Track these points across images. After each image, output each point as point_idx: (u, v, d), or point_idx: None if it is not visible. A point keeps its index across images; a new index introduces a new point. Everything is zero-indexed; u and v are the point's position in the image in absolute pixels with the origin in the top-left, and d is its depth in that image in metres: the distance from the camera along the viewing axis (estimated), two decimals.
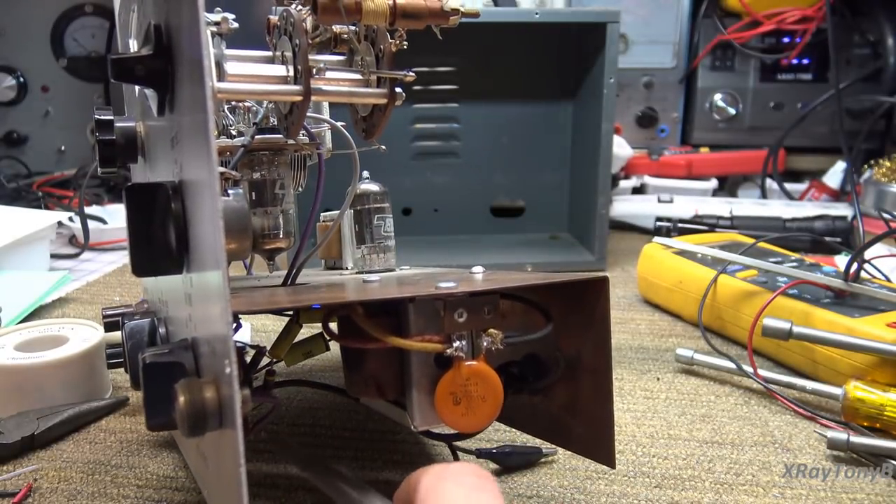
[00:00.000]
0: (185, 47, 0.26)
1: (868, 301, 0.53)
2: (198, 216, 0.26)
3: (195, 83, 0.24)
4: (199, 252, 0.26)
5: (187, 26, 0.25)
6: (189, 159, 0.27)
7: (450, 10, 0.33)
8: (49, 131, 1.17)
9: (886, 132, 1.07)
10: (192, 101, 0.25)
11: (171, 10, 0.28)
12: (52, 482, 0.40)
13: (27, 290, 0.66)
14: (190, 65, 0.25)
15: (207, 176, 0.23)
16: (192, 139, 0.26)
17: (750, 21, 1.06)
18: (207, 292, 0.25)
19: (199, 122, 0.24)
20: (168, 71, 0.29)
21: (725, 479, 0.41)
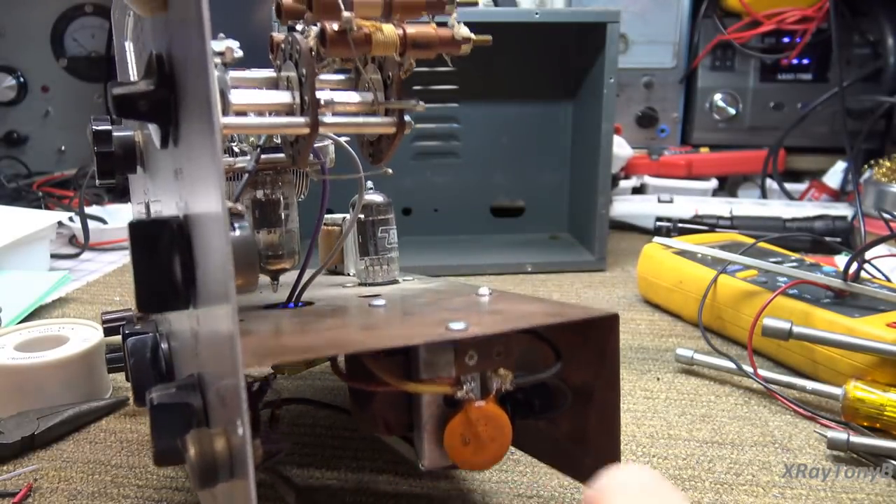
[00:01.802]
0: (191, 81, 0.25)
1: (868, 301, 0.53)
2: (205, 252, 0.25)
3: (202, 120, 0.24)
4: (207, 289, 0.26)
5: (193, 59, 0.24)
6: (196, 195, 0.26)
7: (461, 38, 0.32)
8: (49, 131, 1.17)
9: (886, 132, 1.07)
10: (198, 137, 0.25)
11: (173, 40, 0.27)
12: (53, 482, 0.40)
13: (27, 290, 0.66)
14: (196, 100, 0.25)
15: (216, 214, 0.23)
16: (199, 176, 0.25)
17: (750, 21, 1.06)
18: (216, 335, 0.25)
19: (207, 160, 0.23)
20: (171, 103, 0.28)
21: (725, 479, 0.41)
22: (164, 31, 0.28)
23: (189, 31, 0.24)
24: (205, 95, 0.23)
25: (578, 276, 0.78)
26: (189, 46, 0.24)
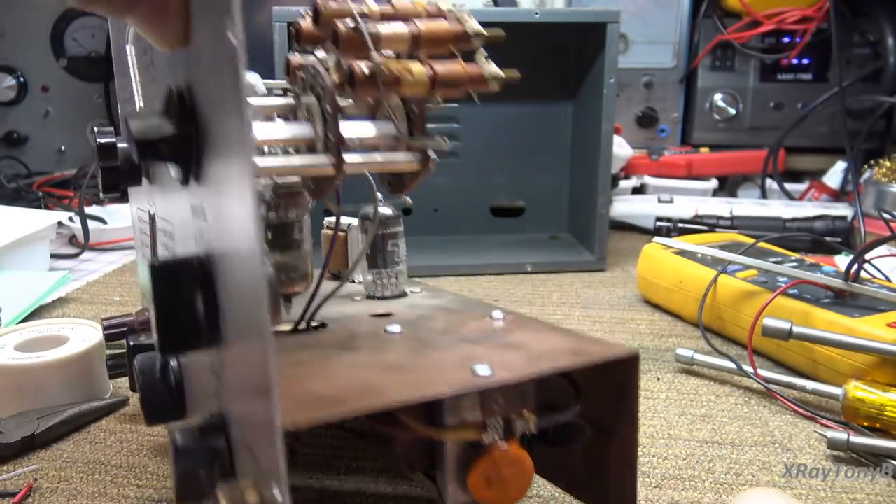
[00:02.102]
0: (219, 120, 0.24)
1: (868, 301, 0.53)
2: (234, 292, 0.25)
3: (234, 162, 0.22)
4: (235, 329, 0.25)
5: (222, 99, 0.23)
6: (224, 234, 0.25)
7: (490, 76, 0.32)
8: (49, 131, 1.17)
9: (886, 132, 1.07)
10: (228, 178, 0.23)
11: (197, 75, 0.26)
12: (53, 482, 0.40)
13: (27, 290, 0.66)
14: (226, 140, 0.23)
15: (250, 257, 0.22)
16: (229, 215, 0.24)
17: (750, 21, 1.06)
18: (246, 383, 0.24)
19: (240, 201, 0.22)
20: (194, 141, 0.27)
21: (725, 479, 0.41)
22: (184, 64, 0.27)
23: (219, 69, 0.23)
24: (238, 139, 0.21)
25: (578, 276, 0.79)
26: (219, 84, 0.23)
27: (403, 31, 0.31)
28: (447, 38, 0.31)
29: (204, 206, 0.26)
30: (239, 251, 0.23)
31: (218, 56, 0.22)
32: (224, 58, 0.21)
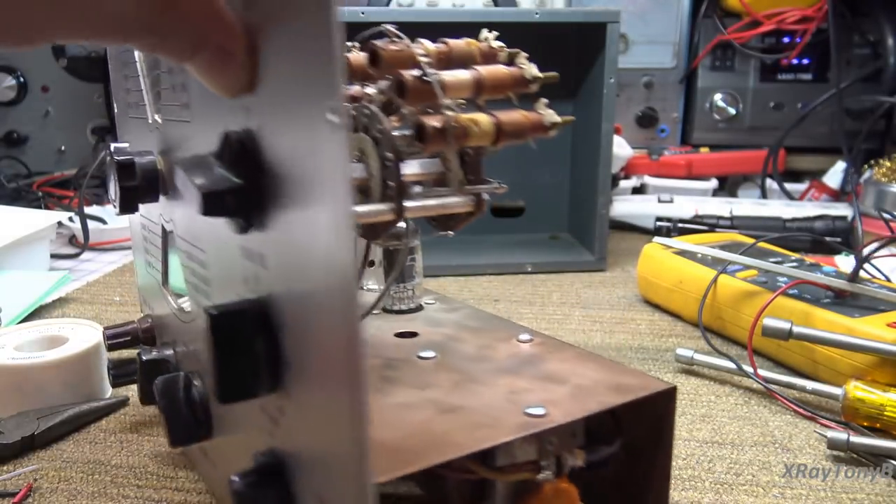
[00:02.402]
0: (300, 170, 0.22)
1: (868, 301, 0.53)
2: (309, 338, 0.24)
3: (322, 210, 0.21)
4: (309, 377, 0.24)
5: (313, 158, 0.21)
6: (298, 281, 0.24)
7: (550, 124, 0.32)
8: (49, 131, 1.17)
9: (886, 132, 1.07)
10: (308, 225, 0.22)
11: (266, 122, 0.24)
12: (52, 482, 0.40)
13: (27, 290, 0.66)
14: (311, 190, 0.22)
15: (343, 306, 0.21)
16: (307, 265, 0.23)
17: (750, 21, 1.06)
18: (326, 430, 0.23)
19: (326, 251, 0.21)
20: (262, 191, 0.25)
21: (725, 479, 0.41)
22: (246, 109, 0.25)
23: (307, 121, 0.21)
24: (335, 191, 0.20)
25: (578, 276, 0.79)
26: (312, 149, 0.21)
27: (467, 78, 0.30)
28: (507, 84, 0.32)
29: (264, 253, 0.25)
30: (325, 298, 0.22)
31: (302, 105, 0.22)
32: (324, 133, 0.20)
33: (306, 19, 0.21)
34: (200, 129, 0.30)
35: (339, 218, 0.20)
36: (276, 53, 0.23)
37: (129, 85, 0.41)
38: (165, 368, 0.40)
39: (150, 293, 0.44)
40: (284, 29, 0.22)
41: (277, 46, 0.23)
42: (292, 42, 0.22)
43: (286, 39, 0.22)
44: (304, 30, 0.21)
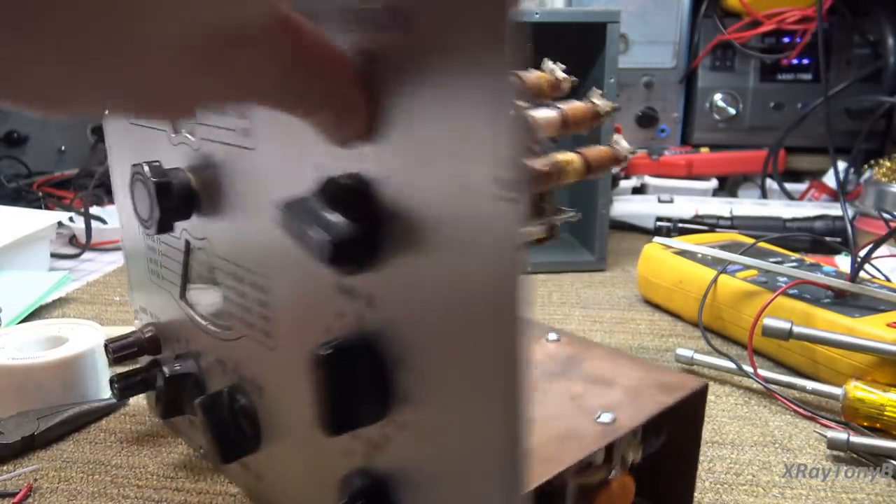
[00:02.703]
0: (444, 221, 0.23)
1: (868, 301, 0.53)
2: (446, 363, 0.24)
3: (467, 259, 0.22)
4: (445, 397, 0.25)
5: (471, 209, 0.21)
6: (430, 316, 0.24)
7: (624, 157, 0.35)
8: (49, 131, 1.17)
9: (886, 132, 1.07)
10: (447, 271, 0.23)
11: (390, 169, 0.24)
12: (53, 482, 0.40)
13: (27, 290, 0.66)
14: (450, 240, 0.23)
15: (496, 333, 0.22)
16: (431, 305, 0.24)
17: (750, 21, 1.06)
18: (466, 450, 0.24)
19: (472, 293, 0.22)
20: (381, 237, 0.25)
21: (725, 479, 0.41)
22: (361, 155, 0.25)
23: (459, 180, 0.21)
24: (505, 255, 0.21)
25: (578, 276, 0.79)
26: (461, 196, 0.22)
27: (555, 117, 0.32)
28: (587, 120, 0.34)
29: (373, 293, 0.26)
30: (483, 329, 0.22)
31: (464, 182, 0.22)
32: (486, 199, 0.21)
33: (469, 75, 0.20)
34: (270, 161, 0.30)
35: (507, 272, 0.21)
36: (418, 108, 0.23)
37: None
38: (192, 382, 0.40)
39: (153, 302, 0.44)
40: (432, 83, 0.22)
41: (418, 103, 0.22)
42: (444, 99, 0.21)
43: (434, 94, 0.22)
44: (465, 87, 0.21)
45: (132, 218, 0.44)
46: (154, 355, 0.44)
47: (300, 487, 0.35)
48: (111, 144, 0.44)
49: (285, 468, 0.36)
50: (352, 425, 0.27)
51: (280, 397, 0.34)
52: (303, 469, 0.34)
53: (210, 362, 0.39)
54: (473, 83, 0.20)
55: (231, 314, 0.36)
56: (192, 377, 0.40)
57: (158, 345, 0.44)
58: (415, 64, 0.22)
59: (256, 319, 0.34)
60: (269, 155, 0.30)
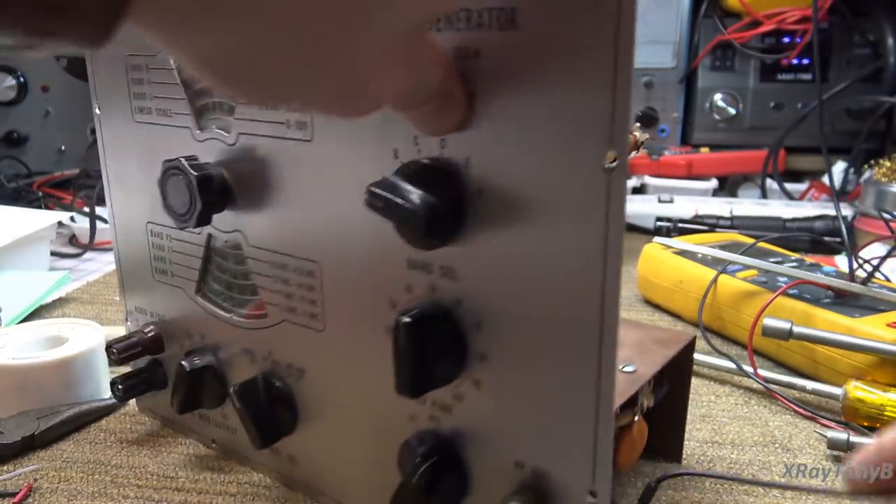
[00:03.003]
0: (535, 199, 0.27)
1: (868, 301, 0.53)
2: (531, 325, 0.28)
3: (560, 232, 0.26)
4: (530, 356, 0.28)
5: (572, 186, 0.26)
6: (515, 285, 0.28)
7: (641, 142, 0.40)
8: (49, 131, 1.17)
9: (887, 132, 1.07)
10: (535, 244, 0.27)
11: (479, 152, 0.27)
12: (53, 482, 0.40)
13: (27, 290, 0.66)
14: (542, 214, 0.27)
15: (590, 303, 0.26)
16: (510, 274, 0.28)
17: (750, 21, 1.06)
18: (552, 400, 0.28)
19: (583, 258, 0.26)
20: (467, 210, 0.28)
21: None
22: (444, 142, 0.28)
23: (557, 159, 0.25)
24: (598, 223, 0.25)
25: None
26: (560, 175, 0.26)
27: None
28: (632, 148, 0.35)
29: (453, 266, 0.29)
30: (571, 296, 0.26)
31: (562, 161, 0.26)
32: (590, 174, 0.25)
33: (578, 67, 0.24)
34: (332, 150, 0.32)
35: (615, 235, 0.25)
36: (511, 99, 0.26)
37: (142, 90, 0.40)
38: (212, 375, 0.40)
39: (157, 301, 0.44)
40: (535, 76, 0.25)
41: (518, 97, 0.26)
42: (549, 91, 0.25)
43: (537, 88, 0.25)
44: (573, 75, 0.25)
45: (129, 218, 0.44)
46: (155, 355, 0.44)
47: (347, 461, 0.37)
48: (108, 144, 0.43)
49: (330, 445, 0.37)
50: (430, 387, 0.29)
51: (326, 377, 0.36)
52: (352, 442, 0.36)
53: (233, 353, 0.40)
54: (586, 68, 0.24)
55: (267, 302, 0.37)
56: (211, 370, 0.40)
57: (161, 344, 0.44)
58: (520, 56, 0.25)
59: (300, 304, 0.36)
60: (330, 145, 0.32)
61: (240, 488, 0.40)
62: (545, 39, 0.25)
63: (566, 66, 0.25)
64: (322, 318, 0.35)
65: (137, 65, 0.40)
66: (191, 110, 0.38)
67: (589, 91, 0.24)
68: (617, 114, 0.24)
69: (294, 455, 0.39)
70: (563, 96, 0.25)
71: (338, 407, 0.36)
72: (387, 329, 0.31)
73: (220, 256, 0.39)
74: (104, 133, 0.43)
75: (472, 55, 0.26)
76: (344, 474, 0.37)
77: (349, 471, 0.37)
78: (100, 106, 0.43)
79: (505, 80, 0.26)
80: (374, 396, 0.34)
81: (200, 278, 0.41)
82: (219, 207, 0.36)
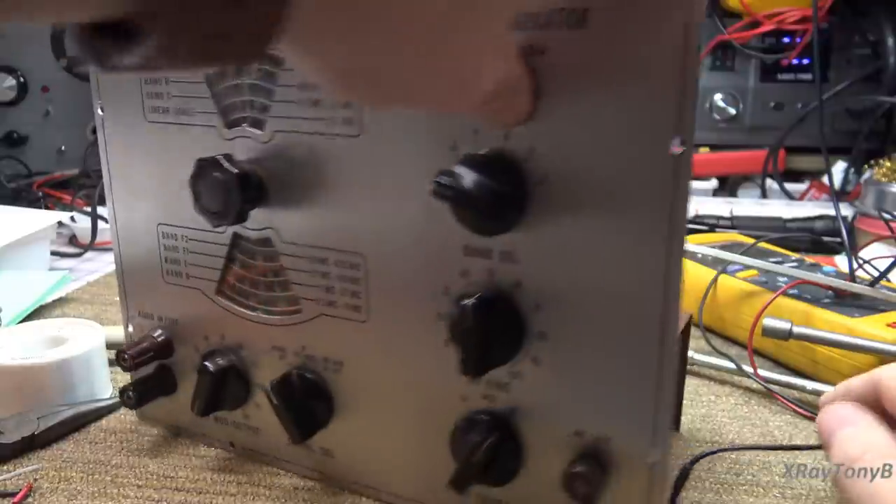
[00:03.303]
0: (599, 186, 0.29)
1: (868, 301, 0.53)
2: (593, 306, 0.30)
3: (625, 218, 0.29)
4: (589, 333, 0.31)
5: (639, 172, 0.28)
6: (576, 268, 0.30)
7: None
8: (49, 131, 1.17)
9: (887, 132, 1.07)
10: (599, 229, 0.29)
11: (542, 142, 0.29)
12: (53, 482, 0.40)
13: (27, 290, 0.66)
14: (607, 201, 0.29)
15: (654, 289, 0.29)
16: (574, 259, 0.30)
17: (750, 21, 1.06)
18: (614, 373, 0.30)
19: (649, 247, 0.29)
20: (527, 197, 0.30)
21: (725, 479, 0.41)
22: (506, 135, 0.30)
23: (621, 147, 0.28)
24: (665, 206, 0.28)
25: None
26: (624, 161, 0.28)
27: None
28: None
29: (513, 250, 0.31)
30: (632, 283, 0.29)
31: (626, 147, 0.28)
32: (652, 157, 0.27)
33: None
34: (381, 145, 0.33)
35: (669, 223, 0.27)
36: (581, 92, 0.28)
37: (158, 89, 0.39)
38: (235, 375, 0.40)
39: (167, 304, 0.43)
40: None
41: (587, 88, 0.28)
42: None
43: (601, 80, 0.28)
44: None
45: (135, 220, 0.43)
46: (165, 359, 0.43)
47: (391, 448, 0.37)
48: (112, 145, 0.42)
49: (371, 434, 0.37)
50: (492, 366, 0.31)
51: (368, 367, 0.36)
52: (396, 429, 0.37)
53: (260, 351, 0.40)
54: (656, 61, 0.26)
55: (302, 297, 0.37)
56: (234, 370, 0.40)
57: (171, 348, 0.43)
58: (589, 53, 0.27)
59: (340, 297, 0.36)
60: (380, 139, 0.33)
61: (240, 488, 0.40)
62: (616, 36, 0.27)
63: (636, 60, 0.27)
64: (365, 310, 0.36)
65: None
66: (217, 109, 0.37)
67: (658, 82, 0.26)
68: (684, 102, 0.26)
69: (329, 448, 0.39)
70: (631, 88, 0.27)
71: (380, 396, 0.37)
72: (438, 315, 0.33)
73: (246, 254, 0.39)
74: (108, 134, 0.42)
75: (538, 52, 0.28)
76: (387, 462, 0.38)
77: (393, 458, 0.37)
78: (103, 106, 0.42)
79: (571, 74, 0.28)
80: (422, 382, 0.35)
81: (222, 278, 0.40)
82: (255, 204, 0.37)
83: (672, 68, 0.26)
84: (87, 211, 0.91)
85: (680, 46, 0.26)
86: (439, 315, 0.33)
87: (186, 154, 0.38)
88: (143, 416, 0.47)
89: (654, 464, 0.30)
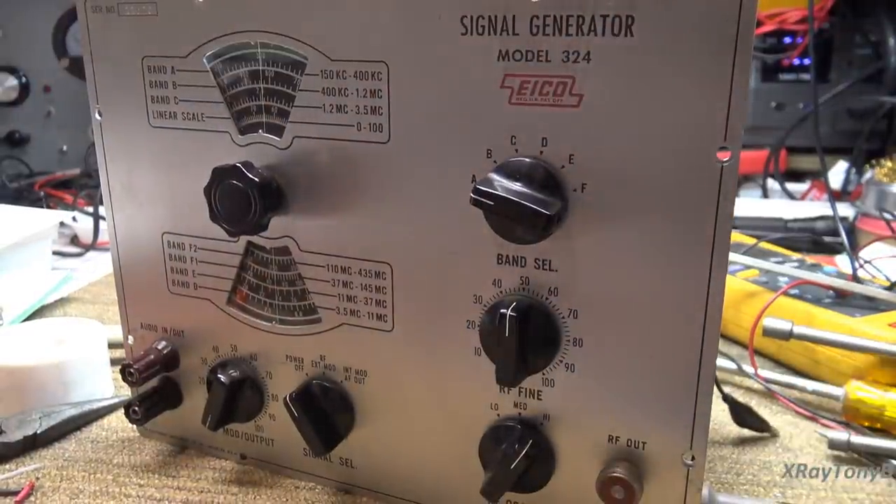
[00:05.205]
0: (643, 193, 0.29)
1: (869, 301, 0.53)
2: (633, 311, 0.30)
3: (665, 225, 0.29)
4: (630, 339, 0.31)
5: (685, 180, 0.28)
6: (613, 275, 0.30)
7: None
8: (51, 131, 1.17)
9: (888, 132, 1.07)
10: (637, 235, 0.29)
11: (594, 140, 0.29)
12: (55, 481, 0.40)
13: (29, 290, 0.66)
14: (649, 208, 0.29)
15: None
16: (607, 271, 0.30)
17: None
18: (649, 376, 0.31)
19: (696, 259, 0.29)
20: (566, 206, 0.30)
21: (726, 479, 0.41)
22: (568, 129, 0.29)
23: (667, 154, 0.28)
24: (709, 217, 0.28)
25: None
26: (669, 169, 0.28)
27: None
28: None
29: (552, 257, 0.31)
30: (673, 287, 0.29)
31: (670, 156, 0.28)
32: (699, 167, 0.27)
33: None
34: (412, 151, 0.32)
35: (714, 231, 0.28)
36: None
37: (165, 93, 0.37)
38: (249, 386, 0.40)
39: (172, 316, 0.41)
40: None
41: None
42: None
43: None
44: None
45: (137, 229, 0.41)
46: (170, 372, 0.42)
47: (416, 456, 0.37)
48: (112, 151, 0.40)
49: (395, 443, 0.37)
50: (528, 374, 0.32)
51: (394, 376, 0.36)
52: (421, 437, 0.36)
53: (275, 362, 0.39)
54: (706, 70, 0.26)
55: (322, 307, 0.37)
56: (249, 381, 0.40)
57: (177, 360, 0.42)
58: (635, 60, 0.27)
59: (364, 306, 0.36)
60: (411, 146, 0.32)
61: (241, 488, 0.40)
62: (664, 44, 0.27)
63: (684, 68, 0.27)
64: (391, 319, 0.35)
65: (159, 67, 0.37)
66: (230, 114, 0.36)
67: (707, 91, 0.26)
68: (732, 111, 0.26)
69: (350, 458, 0.39)
70: (679, 96, 0.27)
71: (407, 404, 0.36)
72: (468, 323, 0.33)
73: (260, 264, 0.38)
74: (106, 140, 0.40)
75: (582, 59, 0.28)
76: (412, 470, 0.37)
77: (417, 466, 0.37)
78: (101, 111, 0.39)
79: (616, 81, 0.28)
80: (451, 390, 0.35)
81: (233, 287, 0.39)
82: (274, 213, 0.36)
83: (721, 75, 0.26)
84: (88, 211, 0.91)
85: (729, 52, 0.26)
86: (469, 323, 0.33)
87: (196, 161, 0.37)
88: (145, 432, 0.45)
89: (692, 465, 0.31)
